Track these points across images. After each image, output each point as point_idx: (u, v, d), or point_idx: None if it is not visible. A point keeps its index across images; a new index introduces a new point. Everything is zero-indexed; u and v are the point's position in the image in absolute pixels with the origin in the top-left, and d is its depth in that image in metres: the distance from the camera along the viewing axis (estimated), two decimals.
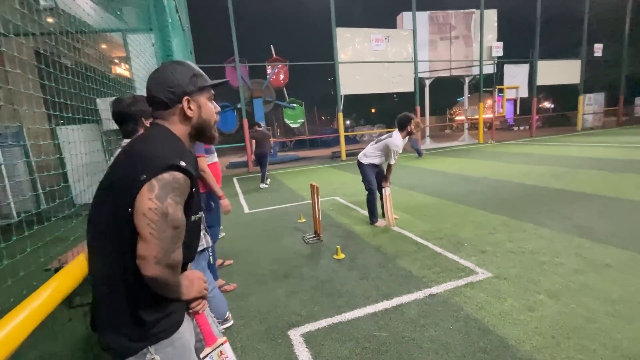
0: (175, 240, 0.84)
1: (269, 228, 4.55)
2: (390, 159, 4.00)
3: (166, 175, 0.81)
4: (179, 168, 0.83)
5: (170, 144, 0.89)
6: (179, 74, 0.95)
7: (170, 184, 0.82)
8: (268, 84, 15.44)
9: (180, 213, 0.84)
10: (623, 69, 16.88)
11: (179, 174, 0.83)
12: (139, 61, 3.77)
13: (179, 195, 0.84)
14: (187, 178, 0.85)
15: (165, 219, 0.80)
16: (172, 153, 0.85)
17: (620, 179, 5.53)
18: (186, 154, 0.90)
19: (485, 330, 1.99)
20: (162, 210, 0.80)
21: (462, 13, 14.60)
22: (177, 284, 0.90)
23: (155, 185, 0.80)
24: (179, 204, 0.83)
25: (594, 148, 9.71)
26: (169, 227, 0.81)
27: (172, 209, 0.81)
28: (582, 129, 16.74)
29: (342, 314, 2.32)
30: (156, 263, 0.80)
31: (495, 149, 11.73)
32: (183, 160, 0.84)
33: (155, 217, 0.79)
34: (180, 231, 0.85)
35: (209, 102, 1.00)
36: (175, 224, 0.82)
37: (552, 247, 3.11)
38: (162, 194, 0.80)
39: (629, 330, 1.87)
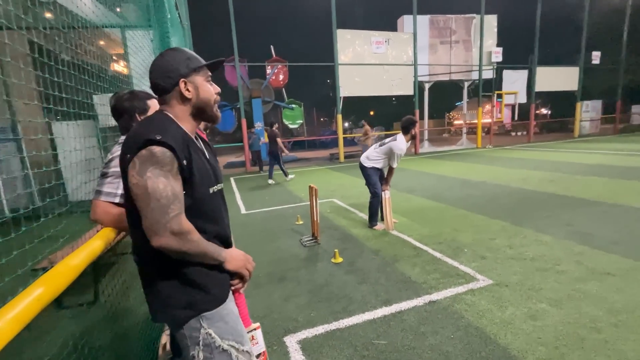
0: (165, 210, 0.87)
1: (266, 229, 4.49)
2: (393, 162, 3.96)
3: (144, 151, 0.87)
4: (156, 142, 0.87)
5: (154, 123, 0.94)
6: (174, 59, 1.00)
7: (148, 159, 0.87)
8: (267, 84, 15.38)
9: (162, 184, 0.87)
10: (620, 77, 17.00)
11: (155, 148, 0.87)
12: (138, 57, 3.70)
13: (160, 167, 0.88)
14: (165, 150, 0.88)
15: (146, 192, 0.86)
16: (151, 130, 0.89)
17: (619, 186, 5.53)
18: (167, 129, 0.92)
19: (487, 339, 1.94)
20: (142, 183, 0.86)
21: (462, 18, 14.64)
22: (202, 252, 0.95)
23: (136, 162, 0.87)
24: (160, 176, 0.87)
25: (591, 155, 9.73)
26: (151, 200, 0.86)
27: (151, 181, 0.86)
28: (580, 136, 16.82)
29: (340, 320, 2.26)
30: (155, 234, 0.87)
31: (494, 154, 11.74)
32: (160, 134, 0.88)
33: (138, 191, 0.86)
34: (168, 200, 0.87)
35: (206, 83, 1.04)
36: (157, 195, 0.86)
37: (553, 254, 3.07)
38: (142, 169, 0.86)
39: (634, 342, 1.83)
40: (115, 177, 1.38)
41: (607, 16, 17.91)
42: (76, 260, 1.04)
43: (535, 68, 14.91)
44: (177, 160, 0.90)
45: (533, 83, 15.07)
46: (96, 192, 1.39)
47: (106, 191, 1.36)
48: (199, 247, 0.94)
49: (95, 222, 1.40)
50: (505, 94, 14.68)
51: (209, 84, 1.05)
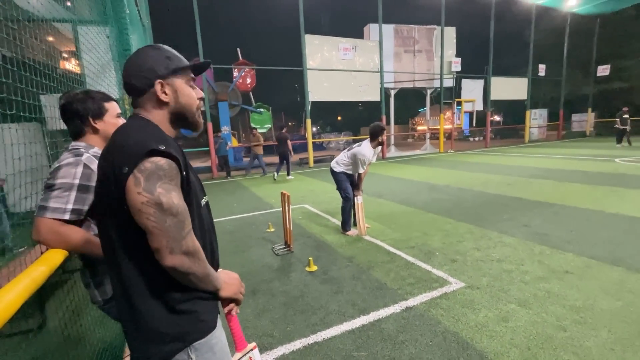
0: (181, 226, 0.80)
1: (235, 239, 4.30)
2: (359, 168, 3.96)
3: (147, 164, 0.77)
4: (160, 152, 0.78)
5: (147, 131, 0.84)
6: (152, 57, 0.89)
7: (154, 172, 0.77)
8: (234, 87, 15.00)
9: (176, 198, 0.80)
10: (562, 88, 18.76)
11: (160, 159, 0.78)
12: (92, 55, 3.40)
13: (169, 181, 0.79)
14: (170, 161, 0.80)
15: (162, 209, 0.77)
16: (150, 139, 0.80)
17: (566, 188, 6.02)
18: (166, 139, 0.83)
19: (464, 344, 1.96)
20: (155, 201, 0.76)
21: (424, 28, 15.35)
22: (206, 274, 0.87)
23: (139, 177, 0.76)
24: (171, 190, 0.79)
25: (541, 159, 10.57)
26: (168, 216, 0.78)
27: (165, 197, 0.77)
28: (529, 141, 18.25)
29: (318, 332, 2.18)
30: (170, 253, 0.79)
31: (455, 158, 12.34)
32: (162, 144, 0.79)
33: (150, 210, 0.76)
34: (183, 216, 0.81)
35: (187, 86, 0.94)
36: (173, 211, 0.78)
37: (517, 255, 3.23)
38: (150, 185, 0.77)
39: (596, 338, 1.95)
40: (64, 190, 1.19)
41: (551, 33, 19.71)
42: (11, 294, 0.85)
43: (490, 78, 15.98)
44: (180, 172, 0.83)
45: (488, 92, 16.14)
46: (40, 207, 1.17)
47: (53, 206, 1.16)
48: (205, 269, 0.86)
49: (39, 243, 1.19)
50: (464, 101, 15.58)
51: (190, 87, 0.95)
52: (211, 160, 11.13)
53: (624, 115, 12.71)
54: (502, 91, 16.59)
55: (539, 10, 16.76)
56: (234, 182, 9.69)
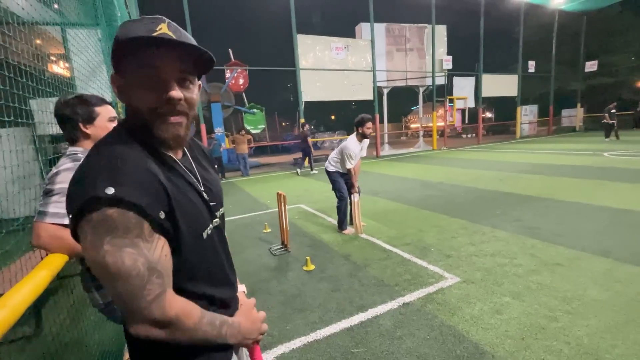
0: (140, 293, 0.59)
1: (232, 240, 4.30)
2: (345, 162, 3.95)
3: (94, 214, 0.57)
4: (106, 200, 0.57)
5: (104, 159, 0.62)
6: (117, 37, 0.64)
7: (101, 225, 0.58)
8: (227, 88, 14.94)
9: (132, 258, 0.59)
10: (552, 84, 19.05)
11: (107, 210, 0.57)
12: (82, 58, 3.37)
13: (123, 235, 0.58)
14: (123, 211, 0.58)
15: (107, 272, 0.58)
16: (99, 176, 0.59)
17: (556, 182, 6.13)
18: (126, 168, 0.60)
19: (460, 337, 2.01)
20: (99, 260, 0.58)
21: (415, 27, 15.44)
22: (197, 339, 0.67)
23: (84, 228, 0.59)
24: (125, 247, 0.58)
25: (531, 154, 10.73)
26: (117, 281, 0.58)
27: (113, 257, 0.58)
28: (521, 137, 18.49)
29: (317, 330, 2.21)
30: (130, 321, 0.62)
31: (448, 155, 12.46)
32: (113, 183, 0.57)
33: (96, 271, 0.60)
34: (142, 280, 0.59)
35: (137, 75, 0.65)
36: (124, 275, 0.58)
37: (509, 249, 3.30)
38: (95, 240, 0.58)
39: (587, 327, 2.01)
40: (62, 195, 1.20)
41: (539, 30, 20.01)
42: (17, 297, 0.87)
43: (481, 75, 16.15)
44: (148, 218, 0.60)
45: (480, 89, 16.32)
46: (39, 213, 1.18)
47: (52, 212, 1.17)
48: (197, 334, 0.67)
49: (39, 248, 1.20)
50: (456, 99, 15.73)
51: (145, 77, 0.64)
52: None
53: (612, 110, 12.96)
54: (493, 88, 16.78)
55: (527, 7, 16.99)
56: (229, 183, 9.66)
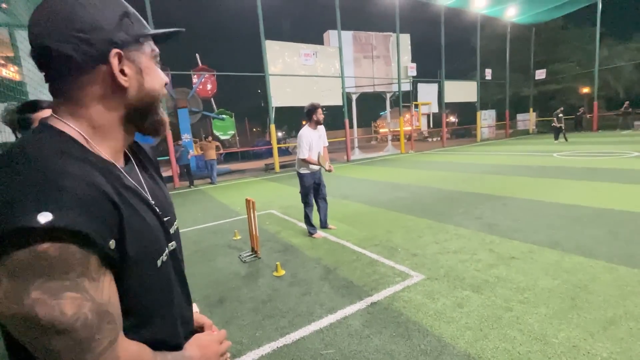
0: (87, 346, 0.46)
1: (201, 248, 4.18)
2: (300, 150, 3.99)
3: (15, 252, 0.42)
4: (41, 231, 0.42)
5: (28, 171, 0.45)
6: (99, 8, 0.54)
7: (29, 267, 0.43)
8: (194, 93, 14.56)
9: (76, 304, 0.45)
10: (507, 90, 20.45)
11: (40, 246, 0.43)
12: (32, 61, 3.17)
13: (62, 274, 0.44)
14: (66, 245, 0.44)
15: (40, 327, 0.43)
16: (24, 196, 0.43)
17: (512, 181, 6.57)
18: (66, 184, 0.45)
19: (424, 332, 2.09)
20: (25, 314, 0.43)
21: (381, 35, 15.99)
22: None
23: (1, 271, 0.43)
24: (67, 291, 0.45)
25: (491, 156, 11.42)
26: (52, 336, 0.44)
27: (44, 307, 0.43)
28: (481, 140, 19.61)
29: (287, 335, 2.21)
30: None
31: (416, 158, 12.94)
32: (50, 206, 0.43)
33: (20, 329, 0.44)
34: (91, 330, 0.46)
35: (154, 65, 0.62)
36: (65, 327, 0.44)
37: (470, 245, 3.49)
38: (17, 288, 0.43)
39: (537, 314, 2.17)
40: None
41: (494, 40, 21.48)
42: None
43: (443, 82, 17.01)
44: (96, 250, 0.47)
45: (442, 95, 17.16)
46: None
47: None
48: None
49: None
50: (422, 104, 16.42)
51: (156, 66, 0.64)
52: (172, 169, 10.68)
53: (559, 114, 14.14)
54: (454, 94, 17.71)
55: (483, 19, 18.18)
56: (198, 191, 9.39)
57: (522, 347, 1.87)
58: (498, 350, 1.87)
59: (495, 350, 1.87)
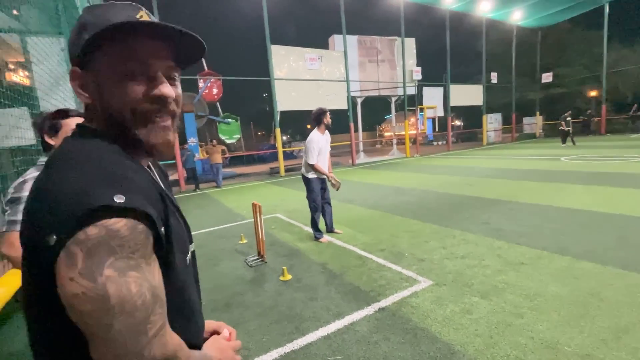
0: (142, 329, 0.48)
1: (206, 253, 4.19)
2: (309, 155, 3.99)
3: (92, 229, 0.45)
4: (115, 210, 0.46)
5: (94, 163, 0.50)
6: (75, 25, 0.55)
7: (103, 244, 0.45)
8: (200, 98, 14.71)
9: (138, 284, 0.47)
10: (513, 94, 20.34)
11: (117, 221, 0.46)
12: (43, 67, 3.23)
13: (128, 255, 0.47)
14: (134, 223, 0.47)
15: (107, 305, 0.45)
16: (97, 182, 0.47)
17: (519, 186, 6.51)
18: (127, 174, 0.51)
19: (433, 338, 2.07)
20: (97, 292, 0.45)
21: (386, 39, 16.02)
22: None
23: (76, 253, 0.45)
24: (131, 271, 0.47)
25: (497, 160, 11.33)
26: (118, 317, 0.46)
27: (116, 285, 0.45)
28: (487, 144, 19.48)
29: (294, 340, 2.20)
30: None
31: (421, 162, 12.89)
32: (120, 190, 0.47)
33: (88, 307, 0.45)
34: (147, 312, 0.48)
35: (115, 73, 0.54)
36: (129, 307, 0.46)
37: (478, 250, 3.45)
38: (92, 266, 0.45)
39: (547, 321, 2.13)
40: None
41: (500, 44, 21.40)
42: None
43: (449, 85, 16.97)
44: (154, 233, 0.51)
45: (448, 98, 17.11)
46: (8, 222, 1.17)
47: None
48: None
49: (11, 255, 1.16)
50: (427, 108, 16.38)
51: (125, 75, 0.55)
52: (178, 173, 10.77)
53: (567, 117, 14.00)
54: (460, 98, 17.65)
55: (488, 22, 18.15)
56: (204, 194, 9.44)
57: (533, 355, 1.84)
58: (509, 358, 1.84)
59: (506, 358, 1.84)
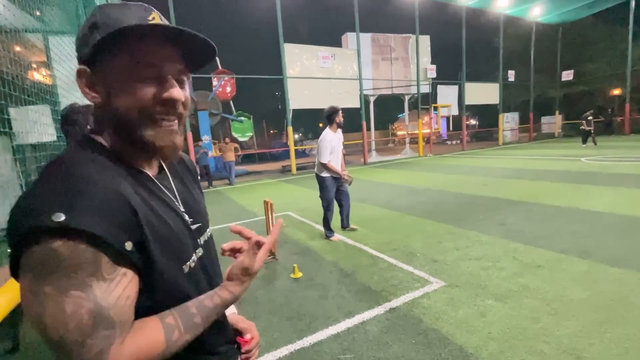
0: (76, 349, 0.46)
1: (218, 249, 4.23)
2: (321, 154, 3.97)
3: (35, 248, 0.46)
4: (54, 230, 0.45)
5: (56, 179, 0.49)
6: (85, 23, 0.55)
7: (44, 263, 0.46)
8: (214, 96, 14.89)
9: (75, 304, 0.46)
10: (531, 93, 19.76)
11: (54, 242, 0.46)
12: (64, 66, 3.32)
13: (69, 274, 0.46)
14: (74, 244, 0.46)
15: (44, 321, 0.46)
16: (45, 201, 0.47)
17: (537, 186, 6.33)
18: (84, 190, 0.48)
19: (445, 340, 2.03)
20: (36, 308, 0.46)
21: (400, 37, 15.82)
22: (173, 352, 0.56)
23: (24, 268, 0.47)
24: (71, 290, 0.46)
25: (513, 160, 11.04)
26: (52, 332, 0.46)
27: (53, 302, 0.46)
28: (503, 144, 19.01)
29: (304, 338, 2.20)
30: None
31: (434, 162, 12.70)
32: (65, 208, 0.46)
33: (34, 321, 0.47)
34: (85, 330, 0.47)
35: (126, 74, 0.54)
36: (61, 326, 0.46)
37: (493, 252, 3.37)
38: (35, 282, 0.46)
39: (566, 327, 2.06)
40: None
41: (518, 41, 20.82)
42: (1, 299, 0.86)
43: (464, 84, 16.63)
44: (108, 250, 0.49)
45: (463, 97, 16.78)
46: None
47: None
48: (176, 348, 0.56)
49: None
50: (441, 106, 16.10)
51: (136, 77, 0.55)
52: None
53: (589, 117, 13.51)
54: (475, 96, 17.28)
55: (506, 19, 17.67)
56: (216, 191, 9.57)
57: None
58: None
59: None
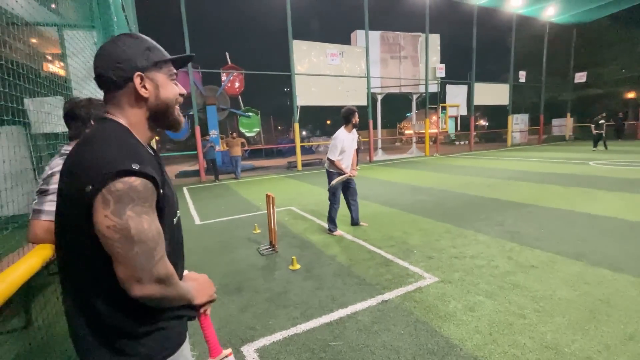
0: (151, 254, 0.73)
1: (222, 240, 4.38)
2: (336, 152, 4.07)
3: (119, 184, 0.69)
4: (133, 172, 0.71)
5: (118, 143, 0.76)
6: (130, 47, 0.82)
7: (126, 194, 0.70)
8: (223, 91, 15.06)
9: (148, 223, 0.73)
10: (542, 94, 19.47)
11: (135, 180, 0.71)
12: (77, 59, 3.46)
13: (142, 203, 0.72)
14: (146, 182, 0.73)
15: (129, 235, 0.70)
16: (122, 155, 0.72)
17: (541, 189, 6.31)
18: (140, 153, 0.77)
19: (432, 332, 2.12)
20: (122, 226, 0.69)
21: (410, 35, 15.74)
22: (178, 295, 0.82)
23: (108, 198, 0.69)
24: (144, 214, 0.72)
25: (520, 162, 10.96)
26: (136, 243, 0.70)
27: (134, 222, 0.70)
28: (512, 145, 18.82)
29: (298, 325, 2.30)
30: (138, 282, 0.72)
31: (440, 162, 12.66)
32: (136, 161, 0.72)
33: (116, 236, 0.69)
34: (154, 242, 0.73)
35: (169, 81, 0.88)
36: (143, 237, 0.71)
37: (489, 251, 3.43)
38: (119, 208, 0.69)
39: (551, 324, 2.13)
40: None
41: (530, 41, 20.49)
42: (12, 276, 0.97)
43: (473, 84, 16.48)
44: (157, 191, 0.76)
45: (472, 97, 16.63)
46: (35, 211, 1.27)
47: (48, 210, 1.26)
48: (178, 290, 0.82)
49: (35, 243, 1.28)
50: (449, 106, 16.00)
51: (172, 83, 0.89)
52: (199, 164, 11.14)
53: (600, 120, 13.30)
54: (484, 96, 17.11)
55: (519, 19, 17.41)
56: (223, 185, 9.73)
57: (531, 354, 1.86)
58: (506, 355, 1.86)
59: (504, 355, 1.87)
